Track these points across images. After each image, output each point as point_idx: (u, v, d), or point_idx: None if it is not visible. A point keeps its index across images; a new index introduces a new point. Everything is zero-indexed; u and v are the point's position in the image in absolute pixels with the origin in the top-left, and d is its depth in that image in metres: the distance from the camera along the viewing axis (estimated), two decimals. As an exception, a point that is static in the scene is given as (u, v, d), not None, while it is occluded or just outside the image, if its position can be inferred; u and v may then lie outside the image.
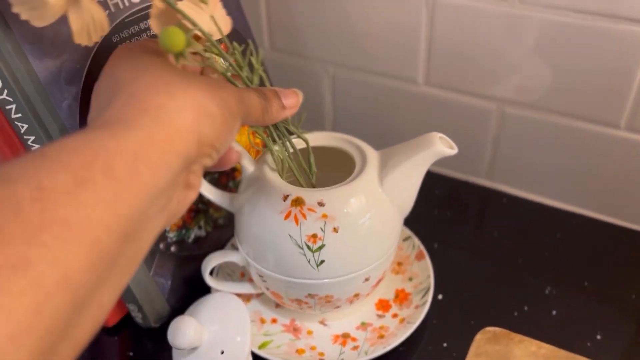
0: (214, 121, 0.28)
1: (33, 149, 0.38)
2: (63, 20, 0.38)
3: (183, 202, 0.30)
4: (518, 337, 0.34)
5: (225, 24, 0.34)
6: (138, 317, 0.45)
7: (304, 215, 0.37)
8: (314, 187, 0.41)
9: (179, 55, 0.31)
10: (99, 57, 0.40)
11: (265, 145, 0.40)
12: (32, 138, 0.38)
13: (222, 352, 0.39)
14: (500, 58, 0.51)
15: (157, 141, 0.25)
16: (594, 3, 0.45)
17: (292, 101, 0.35)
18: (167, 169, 0.26)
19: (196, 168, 0.30)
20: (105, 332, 0.46)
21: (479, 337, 0.34)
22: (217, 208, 0.49)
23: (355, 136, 0.43)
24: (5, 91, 0.36)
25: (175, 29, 0.30)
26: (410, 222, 0.50)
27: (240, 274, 0.48)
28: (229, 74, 0.34)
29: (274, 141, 0.39)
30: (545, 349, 0.33)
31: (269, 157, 0.41)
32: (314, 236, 0.37)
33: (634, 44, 0.45)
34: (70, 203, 0.21)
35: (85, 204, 0.21)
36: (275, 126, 0.38)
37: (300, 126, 0.39)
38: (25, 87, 0.36)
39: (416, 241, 0.49)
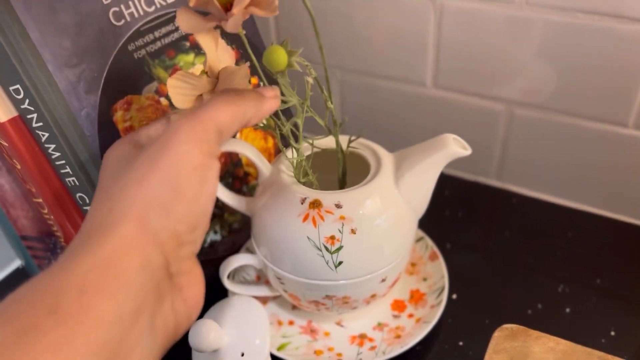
0: (162, 205, 0.25)
1: (53, 157, 0.39)
2: (82, 30, 0.39)
3: (185, 309, 0.27)
4: (536, 333, 0.34)
5: (230, 56, 0.34)
6: (157, 321, 0.45)
7: (321, 217, 0.37)
8: (343, 186, 0.42)
9: (282, 73, 0.32)
10: (115, 66, 0.41)
11: (279, 150, 0.40)
12: (53, 146, 0.39)
13: (242, 354, 0.39)
14: (507, 60, 0.52)
15: (103, 264, 0.23)
16: (599, 3, 0.46)
17: (271, 91, 0.32)
18: (127, 289, 0.23)
19: (179, 265, 0.26)
20: (125, 337, 0.46)
21: (497, 334, 0.35)
22: (232, 212, 0.49)
23: (365, 139, 0.44)
24: (27, 101, 0.37)
25: (278, 47, 0.32)
26: (423, 223, 0.50)
27: (256, 277, 0.49)
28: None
29: (289, 145, 0.40)
30: (563, 344, 0.33)
31: (284, 161, 0.42)
32: (332, 238, 0.37)
33: (641, 44, 0.46)
34: (13, 355, 0.20)
35: (29, 353, 0.20)
36: (292, 132, 0.39)
37: (340, 129, 0.40)
38: (45, 96, 0.37)
39: (429, 242, 0.50)
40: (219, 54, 0.32)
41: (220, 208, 0.48)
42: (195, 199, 0.25)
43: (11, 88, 0.37)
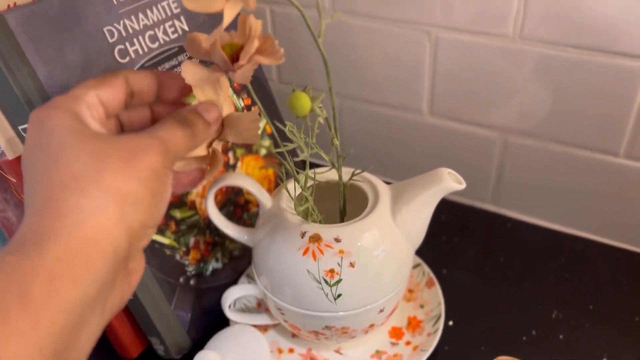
0: (138, 200, 0.27)
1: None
2: (89, 68, 0.40)
3: (128, 290, 0.29)
4: (529, 365, 0.35)
5: (230, 105, 0.36)
6: (160, 349, 0.46)
7: (321, 251, 0.39)
8: (343, 216, 0.43)
9: (304, 117, 0.34)
10: (121, 101, 0.42)
11: (279, 177, 0.41)
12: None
13: (244, 384, 0.40)
14: (502, 89, 0.54)
15: (76, 251, 0.24)
16: (590, 39, 0.47)
17: (213, 114, 0.32)
18: (94, 275, 0.24)
19: (135, 254, 0.28)
20: (128, 364, 0.47)
21: (491, 366, 0.36)
22: (233, 240, 0.50)
23: (362, 164, 0.45)
24: (35, 139, 0.38)
25: (302, 93, 0.34)
26: (419, 248, 0.51)
27: (257, 304, 0.50)
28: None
29: (292, 176, 0.41)
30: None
31: (284, 193, 0.43)
32: (332, 271, 0.38)
33: (631, 77, 0.47)
34: None
35: None
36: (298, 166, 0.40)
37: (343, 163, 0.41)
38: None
39: (426, 269, 0.51)
40: (222, 101, 0.33)
41: (221, 237, 0.50)
42: (161, 200, 0.29)
43: (20, 127, 0.38)
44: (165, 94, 0.34)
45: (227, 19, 0.29)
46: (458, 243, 0.57)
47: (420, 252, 0.52)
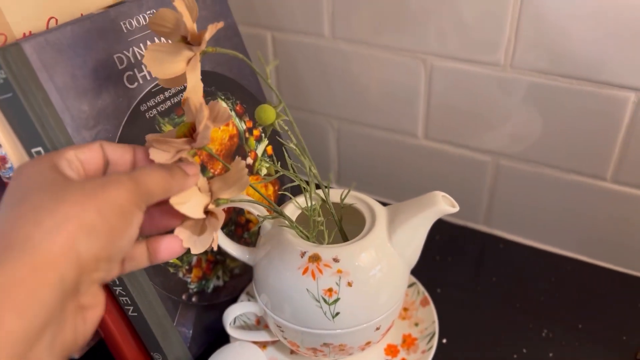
0: (94, 231, 0.26)
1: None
2: (100, 93, 0.42)
3: (83, 327, 0.28)
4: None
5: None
6: (162, 365, 0.47)
7: (320, 271, 0.40)
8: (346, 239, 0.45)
9: (270, 126, 0.39)
10: (128, 125, 0.44)
11: (278, 197, 0.43)
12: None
13: (244, 399, 0.42)
14: (494, 115, 0.56)
15: (21, 279, 0.23)
16: (578, 70, 0.49)
17: (192, 169, 0.34)
18: (39, 305, 0.24)
19: (88, 288, 0.28)
20: (130, 379, 0.48)
21: (483, 382, 0.37)
22: (234, 258, 0.52)
23: (359, 185, 0.47)
24: (47, 161, 0.40)
25: (268, 106, 0.39)
26: (414, 268, 0.53)
27: (256, 321, 0.51)
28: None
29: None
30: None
31: (285, 214, 0.44)
32: (330, 290, 0.40)
33: (617, 106, 0.49)
34: None
35: None
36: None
37: (332, 181, 0.43)
38: (64, 156, 0.40)
39: (420, 288, 0.53)
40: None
41: (222, 255, 0.51)
42: (120, 235, 0.28)
43: (33, 150, 0.40)
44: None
45: (191, 82, 0.36)
46: (452, 263, 0.59)
47: (415, 271, 0.53)
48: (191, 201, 0.36)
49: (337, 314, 0.41)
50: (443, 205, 0.41)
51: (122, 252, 0.30)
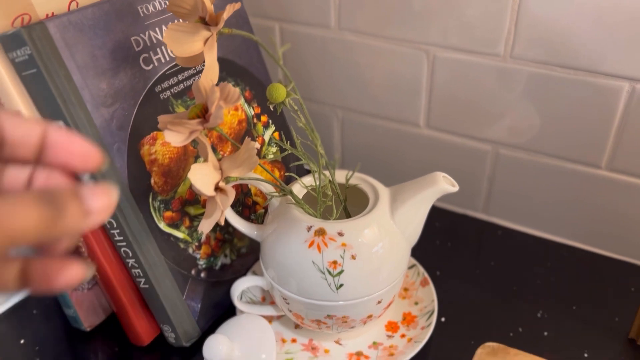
0: None
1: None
2: (117, 73, 0.44)
3: None
4: (514, 351, 0.39)
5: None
6: (171, 337, 0.49)
7: (325, 244, 0.42)
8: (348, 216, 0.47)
9: (281, 104, 0.41)
10: (143, 105, 0.46)
11: (285, 179, 0.45)
12: (87, 176, 0.43)
13: (251, 367, 0.44)
14: (493, 105, 0.58)
15: None
16: (575, 61, 0.51)
17: (100, 203, 0.23)
18: None
19: None
20: (140, 350, 0.50)
21: (479, 351, 0.39)
22: (241, 238, 0.54)
23: (363, 172, 0.49)
24: (67, 135, 0.42)
25: (279, 85, 0.40)
26: (415, 251, 0.55)
27: (262, 298, 0.53)
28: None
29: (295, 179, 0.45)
30: (538, 361, 0.38)
31: (292, 192, 0.46)
32: (335, 262, 0.42)
33: (612, 96, 0.52)
34: None
35: None
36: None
37: (337, 166, 0.46)
38: (83, 131, 0.42)
39: (421, 269, 0.55)
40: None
41: (230, 234, 0.53)
42: None
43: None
44: (51, 157, 0.25)
45: (208, 60, 0.38)
46: (451, 248, 0.61)
47: (416, 255, 0.56)
48: (204, 178, 0.38)
49: (341, 285, 0.42)
50: (443, 185, 0.43)
51: None
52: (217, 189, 0.39)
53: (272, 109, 0.48)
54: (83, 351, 0.51)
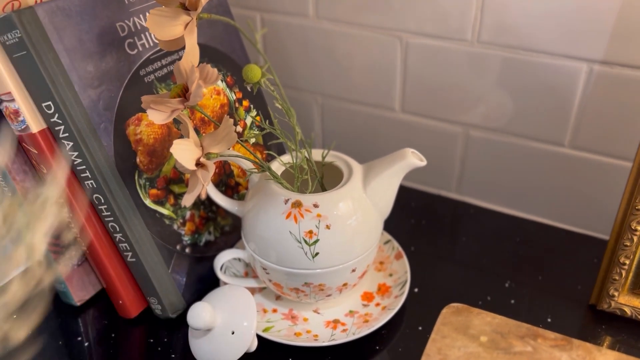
0: None
1: (75, 163, 0.46)
2: (103, 57, 0.46)
3: None
4: (477, 310, 0.42)
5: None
6: (157, 309, 0.52)
7: (301, 215, 0.45)
8: (324, 189, 0.50)
9: (257, 84, 0.43)
10: (129, 88, 0.48)
11: (267, 158, 0.48)
12: (76, 154, 0.46)
13: (233, 333, 0.46)
14: (463, 89, 0.61)
15: None
16: (535, 44, 0.55)
17: None
18: None
19: None
20: (128, 322, 0.52)
21: (444, 311, 0.42)
22: (224, 217, 0.56)
23: (338, 152, 0.52)
24: (56, 115, 0.44)
25: (254, 65, 0.43)
26: (391, 230, 0.58)
27: (244, 273, 0.56)
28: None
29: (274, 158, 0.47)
30: (499, 319, 0.41)
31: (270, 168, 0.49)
32: (310, 232, 0.45)
33: (572, 77, 0.55)
34: None
35: None
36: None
37: (312, 144, 0.48)
38: (72, 112, 0.44)
39: (395, 244, 0.58)
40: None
41: (214, 212, 0.56)
42: None
43: (43, 104, 0.44)
44: None
45: (188, 44, 0.41)
46: (425, 225, 0.64)
47: (391, 232, 0.58)
48: (185, 152, 0.40)
49: (317, 254, 0.45)
50: (412, 159, 0.46)
51: None
52: (199, 164, 0.42)
53: (249, 90, 0.50)
54: (74, 325, 0.53)
